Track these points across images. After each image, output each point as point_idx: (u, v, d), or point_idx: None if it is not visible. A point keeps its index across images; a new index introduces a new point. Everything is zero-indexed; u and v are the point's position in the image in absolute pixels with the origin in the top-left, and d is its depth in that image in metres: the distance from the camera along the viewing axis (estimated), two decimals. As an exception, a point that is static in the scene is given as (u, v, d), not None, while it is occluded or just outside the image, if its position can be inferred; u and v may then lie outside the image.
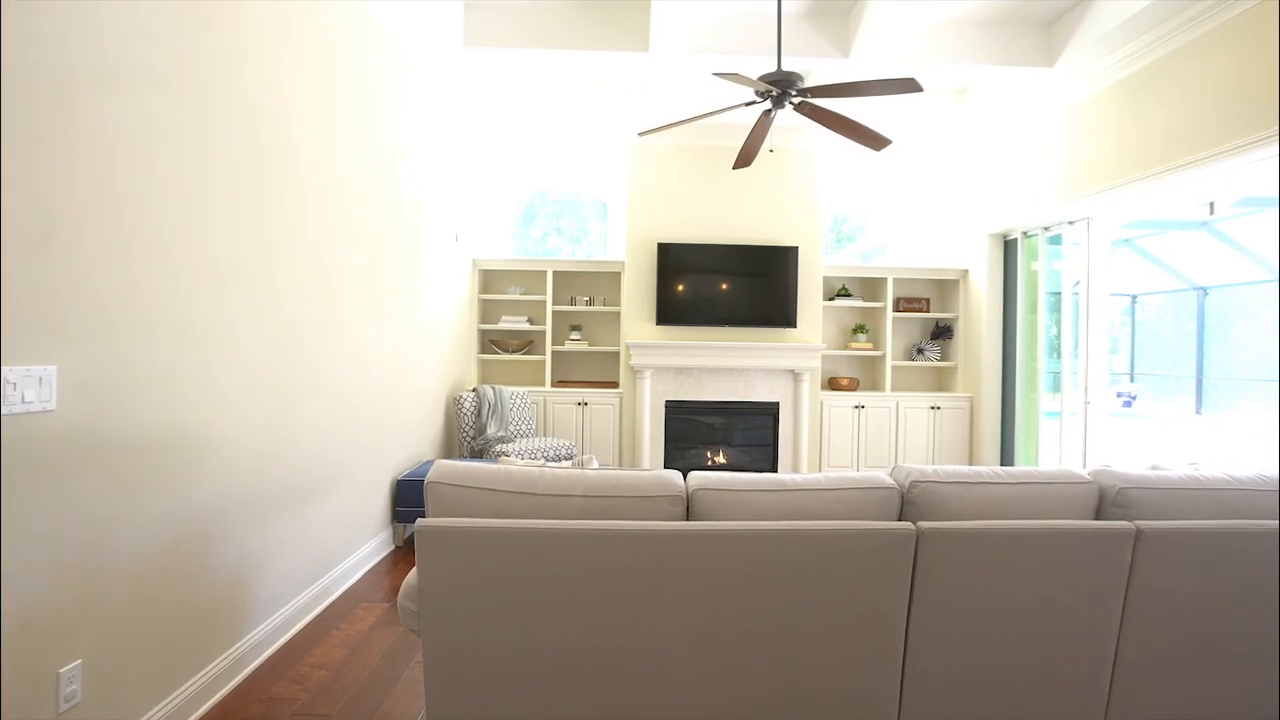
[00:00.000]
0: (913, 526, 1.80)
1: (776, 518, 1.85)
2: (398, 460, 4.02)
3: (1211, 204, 5.86)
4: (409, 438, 4.23)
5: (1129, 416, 10.46)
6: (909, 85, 3.36)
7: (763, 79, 3.52)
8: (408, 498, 3.91)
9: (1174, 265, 10.18)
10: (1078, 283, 4.92)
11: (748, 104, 3.88)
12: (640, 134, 4.05)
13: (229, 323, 2.30)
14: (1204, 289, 9.93)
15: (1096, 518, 1.99)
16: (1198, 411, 9.86)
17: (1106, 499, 1.97)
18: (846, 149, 5.92)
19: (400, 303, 3.97)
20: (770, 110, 3.93)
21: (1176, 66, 3.84)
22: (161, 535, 2.01)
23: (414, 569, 1.84)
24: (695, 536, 1.77)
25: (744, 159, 4.44)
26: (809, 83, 3.68)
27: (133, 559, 1.91)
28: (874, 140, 4.02)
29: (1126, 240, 9.76)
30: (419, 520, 1.77)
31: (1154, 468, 2.18)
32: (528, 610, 1.78)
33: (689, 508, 1.89)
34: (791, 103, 3.80)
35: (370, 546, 3.57)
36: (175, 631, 2.08)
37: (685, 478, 1.97)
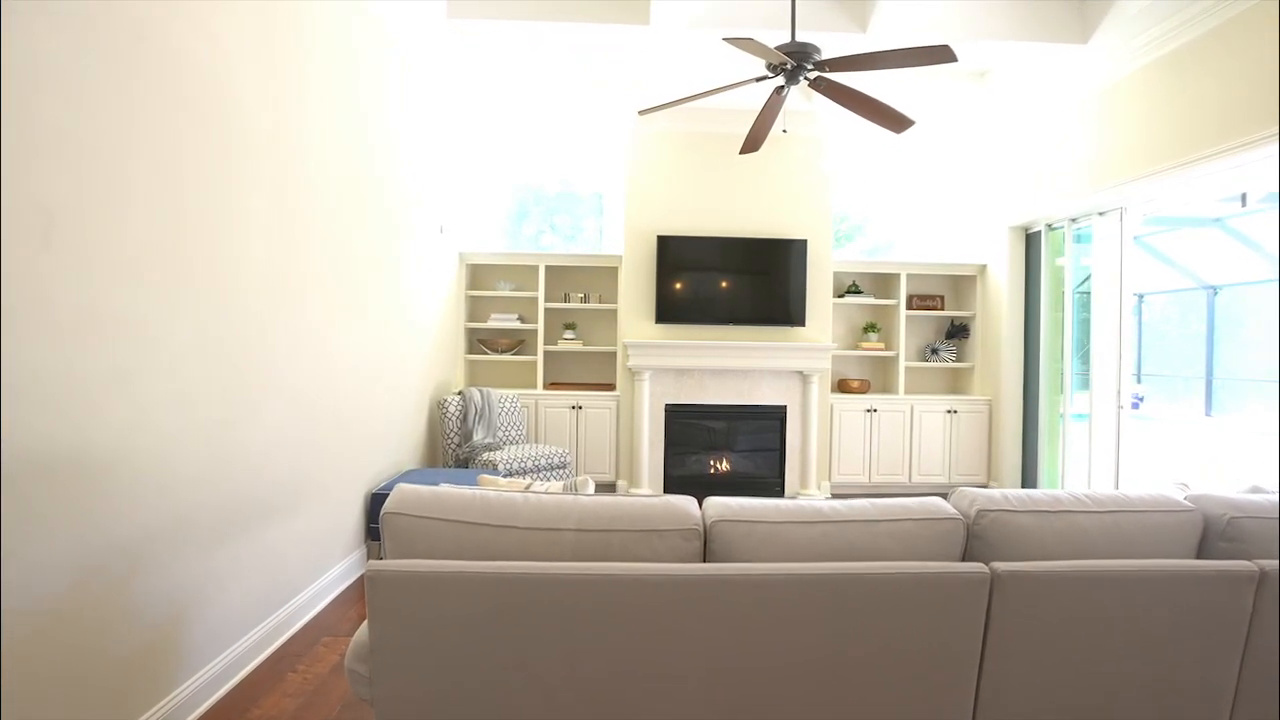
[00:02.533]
0: (985, 569, 1.45)
1: (815, 556, 1.50)
2: (374, 471, 3.65)
3: (1244, 195, 5.54)
4: (387, 446, 3.86)
5: (1138, 419, 10.18)
6: (942, 54, 3.01)
7: (778, 49, 3.17)
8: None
9: (1184, 263, 9.91)
10: (1087, 278, 4.59)
11: (759, 79, 3.53)
12: (641, 112, 3.70)
13: (152, 317, 1.94)
14: (1214, 288, 9.66)
15: (1200, 553, 1.64)
16: (1207, 413, 9.59)
17: (1213, 530, 1.63)
18: (856, 137, 5.58)
19: (378, 297, 3.61)
20: (783, 87, 3.58)
21: (1227, 40, 3.51)
22: (61, 572, 1.65)
23: (364, 623, 1.48)
24: (716, 583, 1.41)
25: (752, 142, 4.09)
26: (825, 57, 3.33)
27: (24, 602, 1.55)
28: (896, 121, 3.68)
29: (1136, 237, 9.50)
30: (370, 563, 1.41)
31: (1255, 489, 1.84)
32: (508, 674, 1.42)
33: (706, 544, 1.54)
34: (807, 78, 3.45)
35: (339, 569, 3.21)
36: (81, 690, 1.72)
37: (701, 506, 1.61)
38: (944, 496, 1.67)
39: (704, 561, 1.53)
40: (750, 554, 1.50)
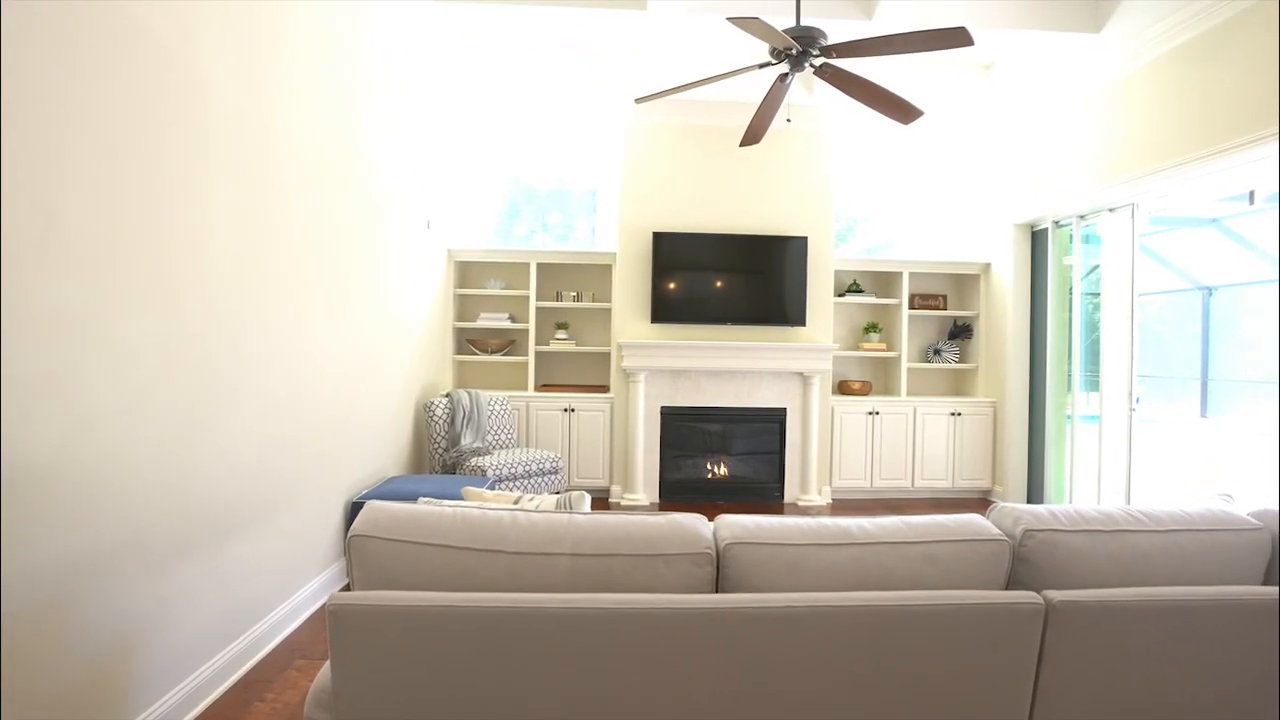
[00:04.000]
0: (1039, 598, 1.28)
1: (844, 584, 1.32)
2: (354, 479, 3.45)
3: (1251, 194, 5.41)
4: (369, 452, 3.66)
5: (1141, 420, 10.10)
6: (958, 37, 2.85)
7: (783, 33, 3.00)
8: (366, 522, 3.34)
9: (1179, 264, 9.85)
10: (1091, 270, 4.45)
11: (761, 66, 3.36)
12: (638, 100, 3.52)
13: (100, 313, 1.74)
14: (1209, 289, 9.61)
15: (1268, 577, 1.47)
16: (1203, 414, 9.53)
17: (1284, 551, 1.46)
18: (858, 131, 5.42)
19: (360, 294, 3.41)
20: (787, 74, 3.42)
21: (1244, 31, 3.37)
22: (-14, 605, 1.45)
23: (326, 664, 1.29)
24: (734, 617, 1.23)
25: (753, 134, 3.92)
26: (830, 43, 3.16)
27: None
28: (904, 111, 3.51)
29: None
30: (332, 596, 1.22)
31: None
32: (492, 724, 1.24)
33: (719, 569, 1.36)
34: (812, 65, 3.28)
35: (316, 584, 3.01)
36: (13, 733, 1.52)
37: (713, 524, 1.43)
38: (983, 507, 1.50)
39: (716, 590, 1.35)
40: (770, 582, 1.32)
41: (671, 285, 5.08)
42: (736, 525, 1.39)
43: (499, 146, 5.53)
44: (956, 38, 2.85)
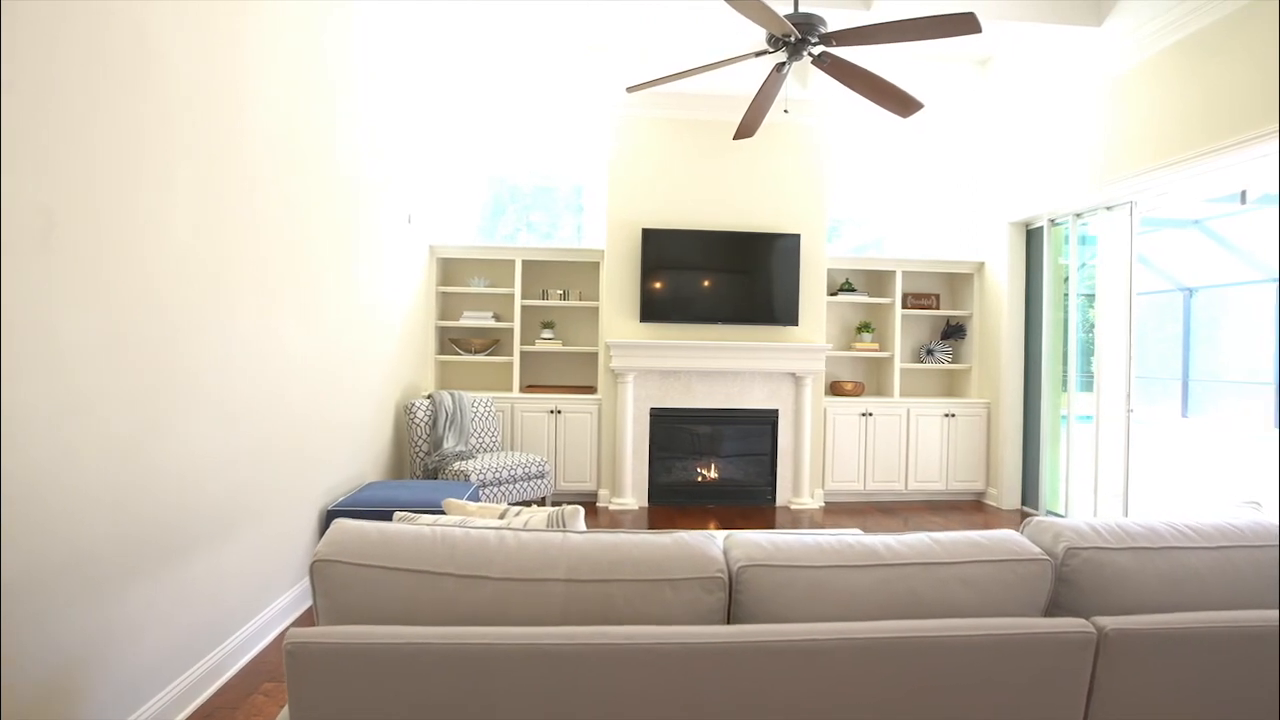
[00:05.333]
0: (1089, 626, 1.15)
1: (872, 611, 1.18)
2: (329, 485, 3.27)
3: (1243, 193, 5.38)
4: (347, 456, 3.48)
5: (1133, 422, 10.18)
6: (965, 24, 2.73)
7: (783, 18, 2.86)
8: (341, 532, 3.15)
9: (1161, 265, 9.91)
10: (1084, 264, 4.38)
11: (758, 54, 3.22)
12: (629, 89, 3.38)
13: (33, 307, 1.55)
14: (1190, 290, 9.68)
15: (1325, 596, 1.35)
16: (1184, 414, 9.59)
17: (1341, 568, 1.34)
18: (852, 126, 5.32)
19: (336, 289, 3.22)
20: (784, 64, 3.29)
21: (1247, 25, 3.30)
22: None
23: (283, 710, 1.13)
24: (755, 653, 1.09)
25: (748, 126, 3.78)
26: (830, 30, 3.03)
27: None
28: (903, 103, 3.40)
29: (1120, 237, 9.47)
30: (290, 632, 1.06)
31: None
32: (476, 777, 1.08)
33: (732, 594, 1.21)
34: (811, 53, 3.16)
35: (287, 599, 2.82)
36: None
37: (723, 545, 1.29)
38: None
39: (729, 617, 1.21)
40: (789, 609, 1.18)
41: (661, 283, 4.94)
42: (750, 545, 1.25)
43: (482, 141, 5.35)
44: (964, 24, 2.73)
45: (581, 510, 1.44)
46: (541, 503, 4.53)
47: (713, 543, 1.25)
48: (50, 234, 1.59)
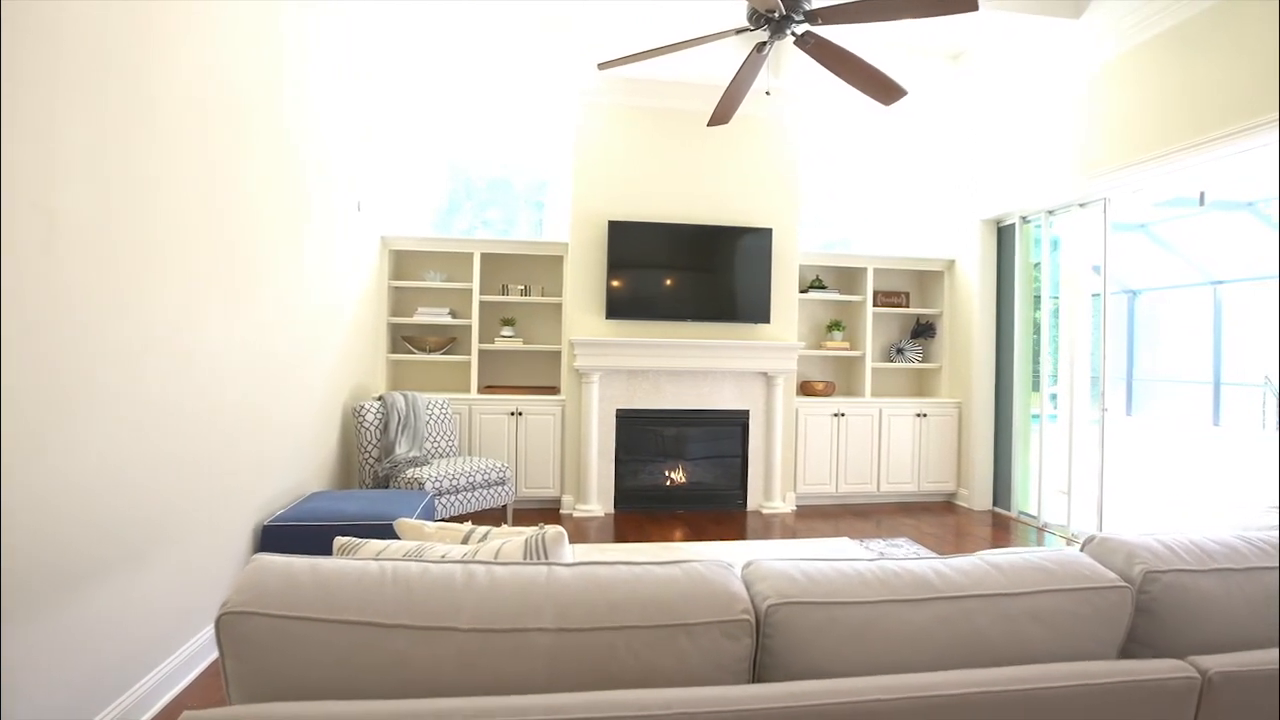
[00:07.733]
0: (1191, 670, 0.95)
1: (929, 655, 0.96)
2: (268, 496, 2.92)
3: (1202, 194, 5.45)
4: (287, 464, 3.13)
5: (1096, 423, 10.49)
6: (961, 2, 2.58)
7: (767, -10, 2.66)
8: (280, 549, 2.81)
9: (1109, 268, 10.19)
10: (1041, 258, 4.33)
11: (739, 31, 3.02)
12: (601, 65, 3.14)
13: None
14: (1134, 292, 9.96)
15: None
16: (1128, 413, 9.86)
17: None
18: (826, 117, 5.18)
19: (273, 281, 2.88)
20: (765, 43, 3.09)
21: (1226, 19, 3.25)
22: None
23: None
24: (803, 717, 0.85)
25: (724, 112, 3.58)
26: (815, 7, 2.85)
27: None
28: (887, 90, 3.25)
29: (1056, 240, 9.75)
30: (187, 716, 0.79)
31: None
32: None
33: (759, 639, 0.98)
34: (794, 32, 2.97)
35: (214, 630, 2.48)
36: None
37: (742, 577, 1.05)
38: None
39: (755, 667, 0.98)
40: (832, 657, 0.95)
41: (627, 279, 4.70)
42: (779, 576, 1.02)
43: (440, 126, 5.03)
44: (959, 3, 2.58)
45: (565, 534, 1.19)
46: (503, 511, 4.24)
47: (733, 576, 1.02)
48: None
